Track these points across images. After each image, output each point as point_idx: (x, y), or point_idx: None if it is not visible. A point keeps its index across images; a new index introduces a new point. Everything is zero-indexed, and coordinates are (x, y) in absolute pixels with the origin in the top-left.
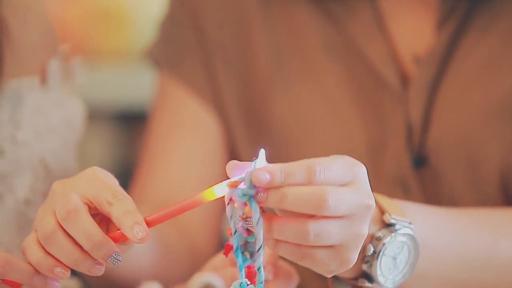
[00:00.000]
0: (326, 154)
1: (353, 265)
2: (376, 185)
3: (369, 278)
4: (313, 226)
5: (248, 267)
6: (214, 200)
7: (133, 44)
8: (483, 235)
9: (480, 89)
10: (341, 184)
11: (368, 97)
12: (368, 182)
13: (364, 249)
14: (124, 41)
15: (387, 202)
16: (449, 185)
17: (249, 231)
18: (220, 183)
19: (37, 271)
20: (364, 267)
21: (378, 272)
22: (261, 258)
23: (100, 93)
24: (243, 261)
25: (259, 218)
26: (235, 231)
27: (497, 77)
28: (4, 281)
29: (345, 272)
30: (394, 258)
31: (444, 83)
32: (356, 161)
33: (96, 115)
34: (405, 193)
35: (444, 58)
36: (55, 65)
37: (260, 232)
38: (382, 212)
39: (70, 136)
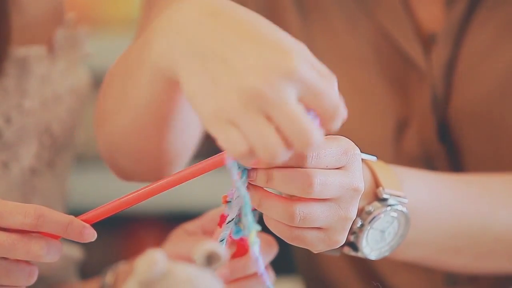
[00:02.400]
0: (351, 132)
1: (341, 245)
2: (401, 162)
3: (355, 247)
4: (299, 209)
5: (241, 240)
6: None
7: (137, 12)
8: (481, 203)
9: (495, 59)
10: (333, 168)
11: (394, 74)
12: (360, 165)
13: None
14: (130, 9)
15: (384, 173)
16: (472, 157)
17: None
18: None
19: (71, 221)
20: (351, 237)
21: (364, 244)
22: (227, 231)
23: (106, 61)
24: (236, 232)
25: (243, 193)
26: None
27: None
28: (42, 233)
29: None
30: (382, 231)
31: (461, 56)
32: (352, 144)
33: (101, 83)
34: (430, 169)
35: (459, 32)
36: (62, 34)
37: (236, 207)
38: (376, 184)
39: (76, 105)
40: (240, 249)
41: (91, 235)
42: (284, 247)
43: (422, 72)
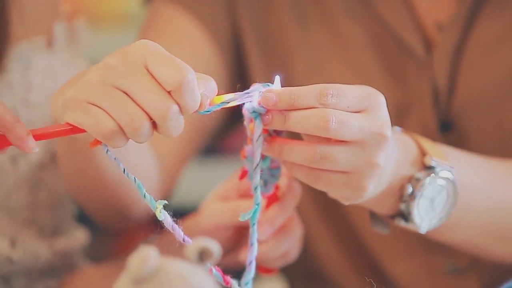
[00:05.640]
0: None
1: (367, 194)
2: None
3: (405, 217)
4: (319, 149)
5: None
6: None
7: (133, 7)
8: None
9: (503, 52)
10: (355, 110)
11: (392, 63)
12: (387, 112)
13: (402, 188)
14: (123, 5)
15: (429, 144)
16: (476, 149)
17: (262, 155)
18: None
19: (19, 120)
20: (402, 206)
21: (415, 212)
22: (258, 177)
23: (101, 56)
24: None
25: (259, 136)
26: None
27: None
28: None
29: (382, 209)
30: (432, 200)
31: (467, 48)
32: (375, 90)
33: None
34: None
35: (467, 23)
36: (61, 27)
37: (258, 150)
38: (423, 154)
39: None
40: (270, 199)
41: (33, 145)
42: None
43: (420, 61)
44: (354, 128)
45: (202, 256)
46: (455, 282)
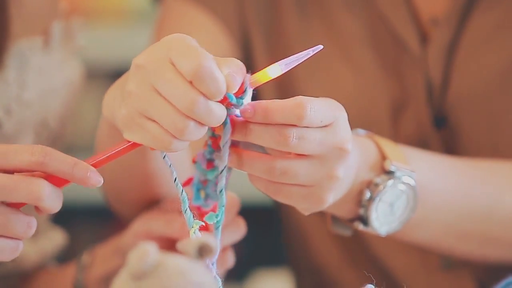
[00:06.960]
0: (348, 114)
1: (327, 205)
2: None
3: (365, 221)
4: (279, 164)
5: (198, 209)
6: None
7: (131, 3)
8: (488, 187)
9: (497, 47)
10: (320, 125)
11: (389, 57)
12: (348, 127)
13: (361, 193)
14: (122, 1)
15: (391, 147)
16: (469, 144)
17: (209, 164)
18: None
19: (77, 162)
20: (360, 211)
21: (374, 216)
22: (223, 180)
23: (97, 52)
24: (196, 200)
25: (227, 141)
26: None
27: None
28: (49, 178)
29: (341, 213)
30: (391, 205)
31: (462, 43)
32: (339, 105)
33: (93, 74)
34: None
35: (461, 18)
36: (58, 26)
37: (225, 153)
38: (383, 158)
39: (70, 96)
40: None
41: (97, 179)
42: (274, 239)
43: (415, 56)
44: (314, 143)
45: (202, 252)
46: (450, 277)
